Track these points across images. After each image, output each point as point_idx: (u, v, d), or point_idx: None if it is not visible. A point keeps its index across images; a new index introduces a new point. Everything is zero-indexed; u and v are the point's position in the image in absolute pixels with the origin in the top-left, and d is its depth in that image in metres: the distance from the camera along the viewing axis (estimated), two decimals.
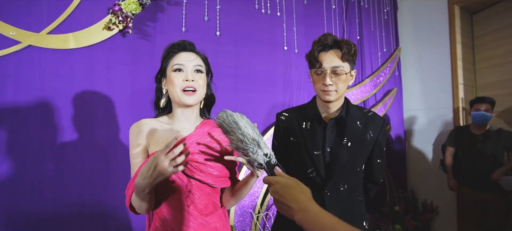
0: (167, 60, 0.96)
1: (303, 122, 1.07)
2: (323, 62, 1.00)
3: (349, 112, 1.05)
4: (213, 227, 0.94)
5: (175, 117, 0.98)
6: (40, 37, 1.37)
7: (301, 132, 1.06)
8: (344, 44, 1.00)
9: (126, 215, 1.56)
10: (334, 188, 1.01)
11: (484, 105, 2.20)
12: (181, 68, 0.93)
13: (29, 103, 1.34)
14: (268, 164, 0.73)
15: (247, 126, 0.75)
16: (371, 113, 1.10)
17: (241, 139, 0.72)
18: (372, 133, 1.05)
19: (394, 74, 3.19)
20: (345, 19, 2.80)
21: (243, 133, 0.73)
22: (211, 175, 0.91)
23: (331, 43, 1.02)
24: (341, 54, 0.99)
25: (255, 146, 0.72)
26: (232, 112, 0.78)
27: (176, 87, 0.91)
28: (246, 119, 0.77)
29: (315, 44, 1.03)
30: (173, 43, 0.98)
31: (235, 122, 0.75)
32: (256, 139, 0.73)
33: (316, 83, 1.03)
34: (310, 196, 0.66)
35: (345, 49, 0.99)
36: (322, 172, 1.01)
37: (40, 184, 1.35)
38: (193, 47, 0.99)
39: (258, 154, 0.72)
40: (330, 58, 1.00)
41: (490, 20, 2.88)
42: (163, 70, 0.98)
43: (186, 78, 0.91)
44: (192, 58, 0.95)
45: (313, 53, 1.03)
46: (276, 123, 1.18)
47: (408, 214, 2.87)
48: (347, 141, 1.01)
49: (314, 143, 1.02)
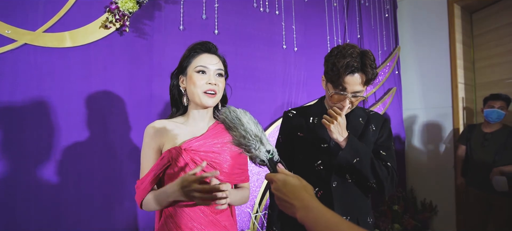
0: (189, 59, 0.97)
1: (309, 118, 1.11)
2: (347, 87, 0.96)
3: (352, 110, 1.09)
4: (223, 226, 0.96)
5: (191, 116, 1.01)
6: (36, 36, 1.36)
7: (308, 126, 1.09)
8: (369, 68, 0.95)
9: (125, 213, 1.55)
10: (341, 179, 1.04)
11: (499, 102, 2.14)
12: (204, 70, 0.95)
13: (25, 102, 1.33)
14: (270, 161, 0.72)
15: (250, 122, 0.74)
16: (372, 113, 1.14)
17: (243, 135, 0.71)
18: (374, 127, 1.08)
19: (394, 73, 3.18)
20: (346, 17, 2.79)
21: (245, 129, 0.72)
22: (224, 172, 0.95)
23: (357, 66, 0.95)
24: (365, 80, 0.96)
25: (258, 142, 0.71)
26: (235, 108, 0.77)
27: (198, 89, 0.94)
28: (249, 115, 0.77)
29: (342, 62, 0.94)
30: (196, 42, 0.99)
31: (238, 117, 0.74)
32: (259, 135, 0.72)
33: (333, 102, 1.02)
34: (313, 193, 0.65)
35: (370, 75, 0.95)
36: (328, 164, 1.04)
37: (36, 183, 1.34)
38: (216, 50, 1.01)
39: (260, 151, 0.71)
40: (354, 82, 0.95)
41: (490, 19, 2.87)
42: (184, 69, 0.98)
43: (209, 81, 0.94)
44: (215, 62, 0.97)
45: (339, 74, 0.95)
46: (283, 120, 1.21)
47: (407, 213, 2.87)
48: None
49: (321, 136, 1.06)
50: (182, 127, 0.98)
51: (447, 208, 2.81)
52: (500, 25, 2.76)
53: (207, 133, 0.98)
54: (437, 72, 2.97)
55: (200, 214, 0.92)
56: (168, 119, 1.02)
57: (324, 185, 1.04)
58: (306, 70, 2.42)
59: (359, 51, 0.97)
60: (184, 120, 1.01)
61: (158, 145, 0.95)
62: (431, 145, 3.01)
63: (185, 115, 1.03)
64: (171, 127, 0.97)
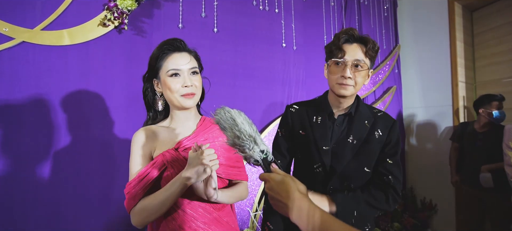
0: (160, 62, 0.92)
1: (313, 116, 1.05)
2: (346, 53, 0.95)
3: (358, 110, 1.03)
4: (226, 222, 0.95)
5: (176, 118, 0.97)
6: (34, 34, 1.35)
7: (311, 126, 1.04)
8: (369, 39, 0.97)
9: (124, 213, 1.55)
10: (339, 185, 1.00)
11: (500, 103, 2.21)
12: (177, 72, 0.91)
13: (23, 100, 1.33)
14: (264, 161, 0.72)
15: (244, 123, 0.74)
16: (381, 114, 1.06)
17: (237, 135, 0.72)
18: (381, 131, 1.01)
19: (394, 71, 3.17)
20: (344, 16, 2.78)
21: (239, 129, 0.72)
22: (221, 164, 0.92)
23: (357, 37, 0.98)
24: (366, 49, 0.96)
25: (252, 143, 0.71)
26: (230, 109, 0.77)
27: (175, 93, 0.91)
28: (244, 116, 0.77)
29: (340, 34, 0.98)
30: (164, 42, 0.95)
31: (232, 118, 0.74)
32: (253, 136, 0.72)
33: (334, 74, 0.98)
34: (306, 193, 0.66)
35: (370, 44, 0.96)
36: (328, 167, 1.00)
37: (34, 181, 1.34)
38: (185, 46, 0.97)
39: (254, 151, 0.72)
40: (354, 50, 0.96)
41: (491, 17, 2.86)
42: (156, 72, 0.94)
43: (185, 84, 0.91)
44: (187, 61, 0.93)
45: (337, 43, 0.97)
46: (284, 114, 1.16)
47: (407, 212, 2.86)
48: (353, 139, 0.99)
49: (323, 138, 1.01)
50: (170, 130, 0.96)
51: (446, 206, 2.81)
52: (501, 24, 2.75)
53: (197, 130, 0.96)
54: (437, 70, 2.96)
55: (202, 211, 0.91)
56: (151, 124, 0.98)
57: (322, 188, 1.00)
58: (305, 69, 2.41)
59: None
60: (169, 123, 0.98)
61: (149, 151, 0.92)
62: (431, 144, 3.00)
63: (169, 118, 0.99)
64: (159, 132, 0.94)
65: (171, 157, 0.89)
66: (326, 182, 1.00)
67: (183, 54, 0.94)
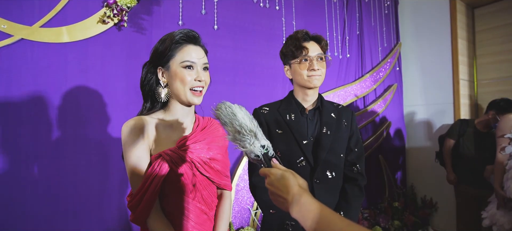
0: (172, 51, 0.87)
1: (286, 114, 1.11)
2: (309, 50, 1.07)
3: (323, 104, 1.14)
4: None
5: (174, 113, 0.91)
6: (32, 31, 1.34)
7: (287, 123, 1.10)
8: (320, 37, 1.12)
9: (123, 210, 1.55)
10: (322, 176, 1.06)
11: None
12: (192, 65, 0.87)
13: (22, 98, 1.32)
14: (265, 156, 0.72)
15: (245, 117, 0.73)
16: (341, 106, 1.20)
17: (238, 130, 0.71)
18: (346, 122, 1.14)
19: (395, 69, 3.16)
20: (345, 13, 2.76)
21: (240, 124, 0.71)
22: (213, 169, 0.92)
23: (311, 35, 1.11)
24: (321, 46, 1.11)
25: (252, 137, 0.71)
26: (231, 104, 0.76)
27: (186, 86, 0.86)
28: (245, 110, 0.76)
29: (296, 35, 1.10)
30: (178, 32, 0.88)
31: (233, 113, 0.74)
32: (254, 131, 0.72)
33: (301, 70, 1.08)
34: (306, 188, 0.66)
35: (323, 42, 1.12)
36: (311, 160, 1.06)
37: (32, 179, 1.33)
38: (200, 40, 0.93)
39: (255, 146, 0.71)
40: (313, 47, 1.09)
41: (493, 15, 2.84)
42: (165, 61, 0.87)
43: (198, 78, 0.87)
44: (202, 55, 0.90)
45: (297, 43, 1.08)
46: (255, 117, 1.15)
47: (407, 209, 2.86)
48: (327, 130, 1.09)
49: (301, 132, 1.08)
50: (166, 123, 0.90)
51: (447, 204, 2.81)
52: (503, 24, 2.73)
53: (196, 130, 0.93)
54: (438, 68, 2.95)
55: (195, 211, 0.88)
56: (145, 114, 0.91)
57: (308, 181, 1.03)
58: None
59: None
60: (166, 115, 0.92)
61: (147, 144, 0.85)
62: (432, 142, 2.99)
63: (167, 110, 0.92)
64: (154, 124, 0.87)
65: (177, 156, 0.85)
66: (312, 175, 1.05)
67: (198, 48, 0.91)
